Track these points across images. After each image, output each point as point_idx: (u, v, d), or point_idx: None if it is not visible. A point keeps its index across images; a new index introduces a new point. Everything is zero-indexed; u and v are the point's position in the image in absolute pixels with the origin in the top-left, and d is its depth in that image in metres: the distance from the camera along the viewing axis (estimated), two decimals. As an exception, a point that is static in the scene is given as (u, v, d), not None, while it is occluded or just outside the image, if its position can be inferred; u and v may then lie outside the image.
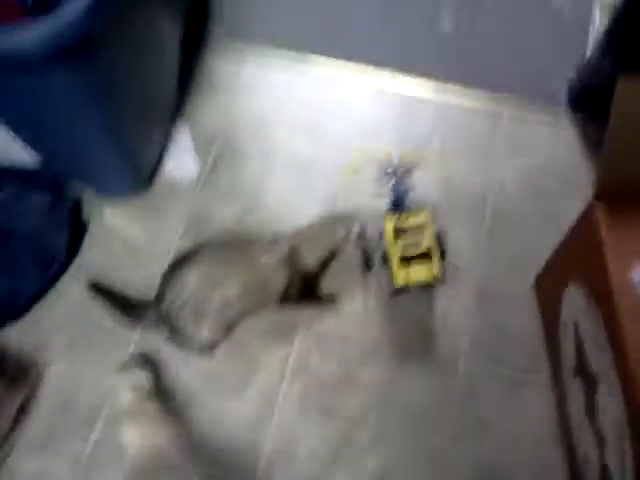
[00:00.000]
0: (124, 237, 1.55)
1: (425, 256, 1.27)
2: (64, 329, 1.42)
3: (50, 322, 1.43)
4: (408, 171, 1.41)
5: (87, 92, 1.20)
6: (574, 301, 1.17)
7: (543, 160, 1.61)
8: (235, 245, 1.33)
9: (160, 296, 1.27)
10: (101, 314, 1.39)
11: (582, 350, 1.14)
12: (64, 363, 1.39)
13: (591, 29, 1.76)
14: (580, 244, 1.16)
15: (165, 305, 1.26)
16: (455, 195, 1.56)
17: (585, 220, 1.11)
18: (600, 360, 1.05)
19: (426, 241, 1.26)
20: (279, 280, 1.29)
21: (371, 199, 1.51)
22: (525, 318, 1.41)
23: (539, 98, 1.68)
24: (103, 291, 1.36)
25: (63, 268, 1.48)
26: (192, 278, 1.24)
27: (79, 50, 1.07)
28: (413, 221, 1.28)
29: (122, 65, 1.26)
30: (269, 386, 1.36)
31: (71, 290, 1.46)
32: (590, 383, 1.11)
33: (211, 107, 1.73)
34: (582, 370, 1.15)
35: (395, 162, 1.43)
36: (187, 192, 1.60)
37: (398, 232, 1.28)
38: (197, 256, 1.28)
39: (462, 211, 1.53)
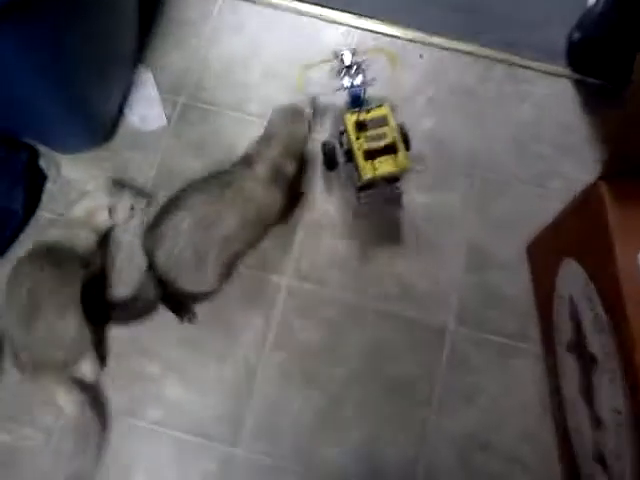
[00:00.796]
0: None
1: (389, 149, 1.25)
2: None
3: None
4: (363, 66, 1.34)
5: (31, 52, 1.06)
6: (572, 277, 1.12)
7: (538, 117, 1.52)
8: (217, 180, 1.24)
9: (151, 252, 1.21)
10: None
11: (580, 329, 1.10)
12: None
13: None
14: (582, 222, 1.09)
15: (160, 260, 1.19)
16: (445, 152, 1.48)
17: (590, 199, 1.04)
18: (600, 344, 1.01)
19: (390, 132, 1.25)
20: (274, 200, 1.26)
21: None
22: (516, 283, 1.37)
23: (535, 49, 1.58)
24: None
25: (21, 224, 1.39)
26: (185, 224, 1.18)
27: (11, 12, 0.94)
28: (374, 114, 1.27)
29: (70, 15, 1.11)
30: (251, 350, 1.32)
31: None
32: (587, 363, 1.07)
33: (177, 49, 1.58)
34: (579, 348, 1.11)
35: (348, 58, 1.35)
36: (153, 144, 1.48)
37: (360, 126, 1.26)
38: (182, 201, 1.21)
39: (452, 168, 1.47)
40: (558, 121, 1.52)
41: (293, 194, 1.35)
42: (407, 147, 1.29)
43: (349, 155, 1.30)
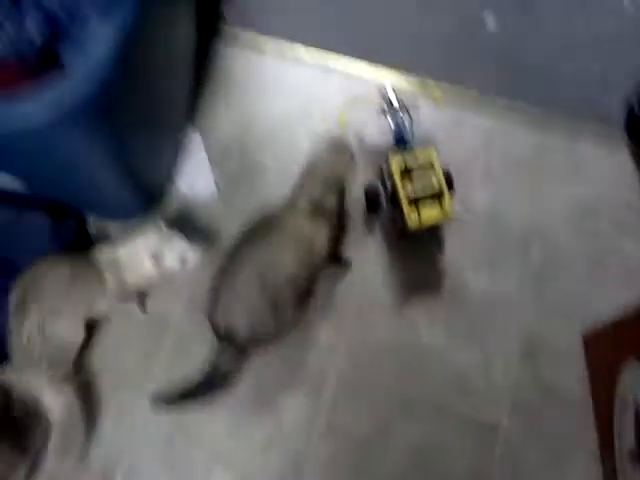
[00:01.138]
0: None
1: (433, 196, 1.21)
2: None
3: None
4: (409, 104, 1.31)
5: (96, 144, 1.05)
6: (638, 380, 1.07)
7: (596, 191, 1.47)
8: (264, 226, 1.22)
9: (226, 325, 1.17)
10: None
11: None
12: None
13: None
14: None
15: (241, 328, 1.17)
16: (501, 228, 1.43)
17: None
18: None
19: (435, 178, 1.21)
20: (319, 232, 1.22)
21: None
22: (572, 375, 1.33)
23: (595, 117, 1.51)
24: (175, 398, 1.23)
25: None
26: (249, 282, 1.16)
27: (89, 116, 0.92)
28: (420, 160, 1.22)
29: (134, 108, 1.10)
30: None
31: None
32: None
33: (225, 112, 1.54)
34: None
35: (392, 95, 1.31)
36: (203, 211, 1.45)
37: (405, 172, 1.22)
38: (237, 260, 1.18)
39: (508, 246, 1.42)
40: (617, 196, 1.47)
41: (339, 229, 1.31)
42: (450, 188, 1.25)
43: (393, 199, 1.26)
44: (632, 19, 1.57)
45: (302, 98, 1.54)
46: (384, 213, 1.39)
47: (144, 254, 1.23)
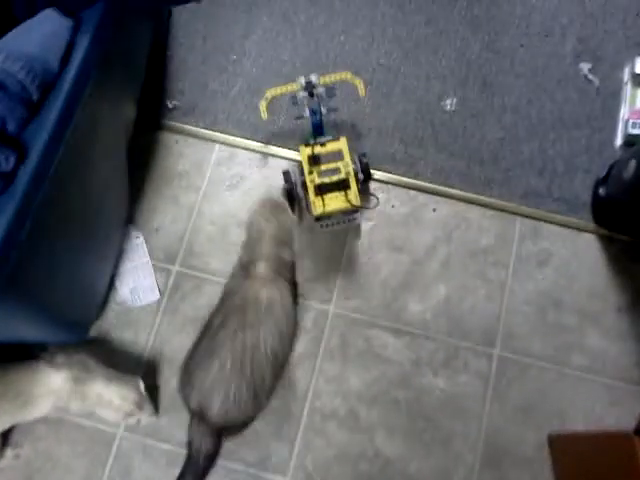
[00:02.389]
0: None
1: (343, 184, 1.25)
2: None
3: None
4: (326, 93, 1.30)
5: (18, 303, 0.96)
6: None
7: (561, 280, 1.41)
8: (228, 308, 1.22)
9: (204, 409, 1.17)
10: None
11: None
12: None
13: (620, 123, 1.49)
14: (612, 469, 1.00)
15: (217, 412, 1.16)
16: (460, 325, 1.38)
17: (621, 450, 0.95)
18: None
19: (344, 168, 1.25)
20: (286, 291, 1.26)
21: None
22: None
23: (557, 200, 1.46)
24: None
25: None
26: (227, 367, 1.15)
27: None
28: (330, 147, 1.27)
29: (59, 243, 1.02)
30: None
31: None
32: None
33: (169, 208, 1.46)
34: None
35: (309, 84, 1.28)
36: (145, 320, 1.38)
37: (315, 159, 1.25)
38: (210, 348, 1.18)
39: (468, 345, 1.37)
40: (582, 284, 1.41)
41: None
42: (368, 178, 1.32)
43: (304, 187, 1.28)
44: (597, 94, 1.49)
45: (250, 192, 1.48)
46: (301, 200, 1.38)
47: (118, 404, 1.19)
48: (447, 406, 1.31)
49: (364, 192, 1.32)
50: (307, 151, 1.27)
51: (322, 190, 1.25)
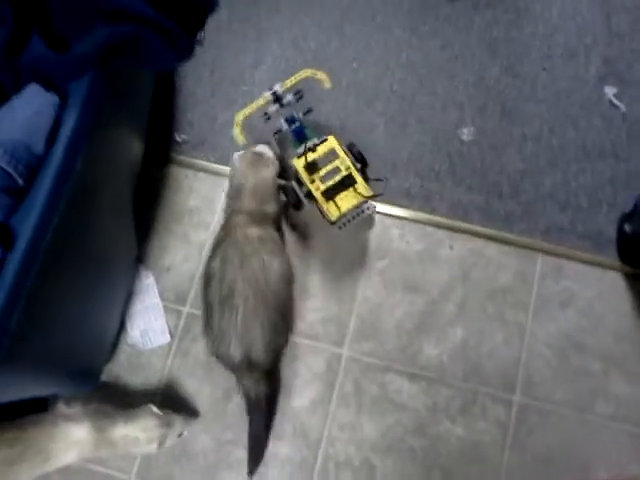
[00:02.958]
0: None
1: (347, 180, 1.23)
2: None
3: None
4: (294, 98, 1.28)
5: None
6: None
7: (584, 321, 1.35)
8: (227, 252, 1.23)
9: (239, 358, 1.19)
10: None
11: None
12: None
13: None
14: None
15: (260, 349, 1.19)
16: (478, 370, 1.33)
17: None
18: None
19: (342, 165, 1.23)
20: (272, 234, 1.28)
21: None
22: None
23: (581, 236, 1.39)
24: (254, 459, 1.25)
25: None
26: (249, 305, 1.17)
27: None
28: (321, 150, 1.24)
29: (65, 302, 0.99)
30: None
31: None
32: None
33: (180, 246, 1.43)
34: None
35: (275, 95, 1.28)
36: (157, 363, 1.36)
37: (311, 166, 1.23)
38: (223, 293, 1.20)
39: (486, 393, 1.32)
40: (606, 326, 1.35)
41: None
42: (365, 165, 1.28)
43: (310, 196, 1.26)
44: (623, 121, 1.42)
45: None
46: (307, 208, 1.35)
47: (146, 437, 1.18)
48: (464, 455, 1.27)
49: (367, 180, 1.28)
50: (301, 162, 1.24)
51: (330, 194, 1.22)
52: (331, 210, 1.22)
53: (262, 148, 1.32)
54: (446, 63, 1.50)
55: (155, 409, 1.20)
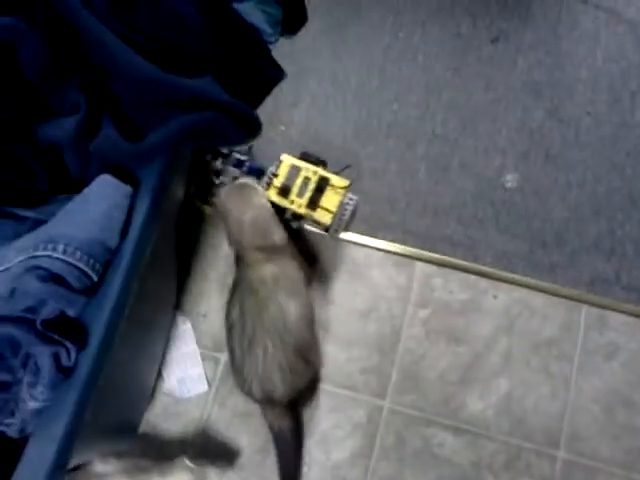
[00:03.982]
0: None
1: (322, 183, 1.24)
2: None
3: None
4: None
5: None
6: None
7: (630, 377, 1.33)
8: (247, 298, 1.21)
9: (260, 395, 1.20)
10: None
11: None
12: None
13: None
14: None
15: (272, 392, 1.19)
16: (523, 425, 1.31)
17: None
18: None
19: (309, 173, 1.25)
20: (292, 266, 1.25)
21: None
22: None
23: (627, 288, 1.37)
24: None
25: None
26: (266, 345, 1.17)
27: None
28: (282, 172, 1.26)
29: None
30: None
31: None
32: None
33: (216, 293, 1.39)
34: None
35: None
36: (194, 412, 1.34)
37: (284, 191, 1.25)
38: (245, 335, 1.19)
39: (531, 447, 1.30)
40: (654, 381, 1.31)
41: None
42: (325, 164, 1.29)
43: (298, 216, 1.27)
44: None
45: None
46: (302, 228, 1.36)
47: None
48: (509, 514, 1.24)
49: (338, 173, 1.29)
50: (272, 192, 1.25)
51: (313, 203, 1.24)
52: (322, 215, 1.24)
53: (245, 179, 1.29)
54: (489, 105, 1.47)
55: (188, 462, 1.17)
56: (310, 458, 1.28)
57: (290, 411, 1.23)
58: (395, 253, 1.39)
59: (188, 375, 1.34)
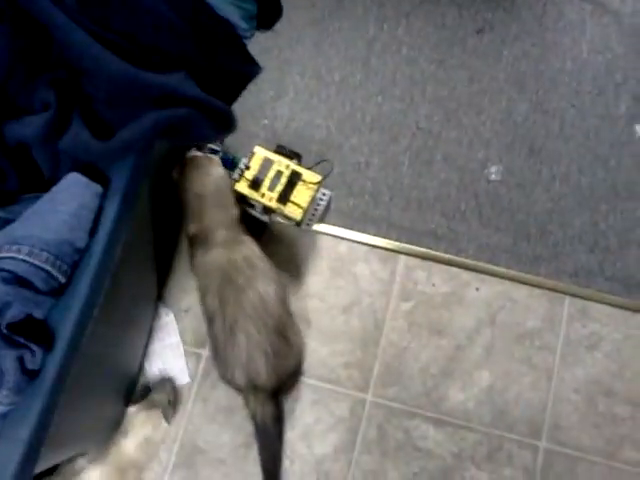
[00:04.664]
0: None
1: (294, 175, 1.21)
2: None
3: None
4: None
5: None
6: None
7: (613, 367, 1.34)
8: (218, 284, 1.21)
9: (244, 381, 1.20)
10: None
11: None
12: None
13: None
14: None
15: (256, 375, 1.19)
16: (505, 416, 1.31)
17: None
18: None
19: (281, 167, 1.21)
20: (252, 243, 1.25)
21: None
22: None
23: (610, 279, 1.38)
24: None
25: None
26: (246, 329, 1.18)
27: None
28: (254, 164, 1.21)
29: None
30: None
31: None
32: None
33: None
34: None
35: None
36: (175, 408, 1.33)
37: (256, 183, 1.21)
38: (226, 322, 1.19)
39: (511, 439, 1.30)
40: (635, 370, 1.33)
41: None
42: (300, 158, 1.25)
43: (268, 210, 1.24)
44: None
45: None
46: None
47: None
48: (491, 505, 1.25)
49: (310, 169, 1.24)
50: (243, 185, 1.22)
51: (284, 198, 1.21)
52: (293, 210, 1.21)
53: (204, 155, 1.27)
54: (473, 97, 1.47)
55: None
56: (293, 452, 1.28)
57: (273, 399, 1.24)
58: (378, 247, 1.39)
59: (170, 366, 1.35)
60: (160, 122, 0.85)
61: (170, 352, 1.36)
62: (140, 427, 1.24)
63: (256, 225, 1.29)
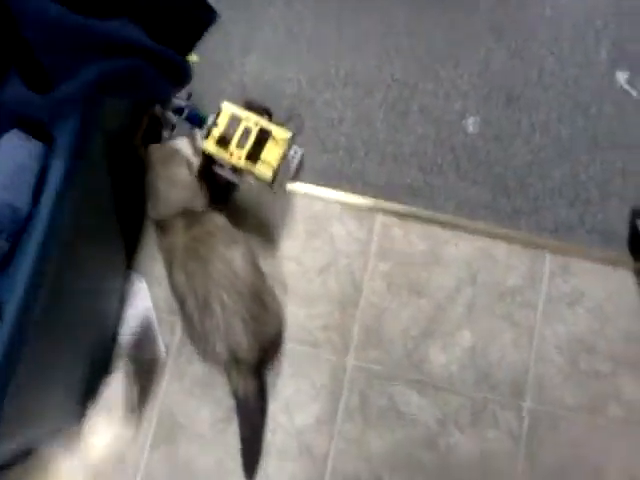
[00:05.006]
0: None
1: (263, 132, 1.14)
2: None
3: None
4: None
5: None
6: None
7: (593, 322, 1.31)
8: (190, 258, 1.17)
9: (226, 354, 1.15)
10: None
11: None
12: None
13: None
14: None
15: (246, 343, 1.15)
16: (489, 377, 1.28)
17: None
18: None
19: (250, 123, 1.14)
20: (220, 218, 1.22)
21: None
22: None
23: (590, 232, 1.33)
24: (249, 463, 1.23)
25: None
26: (228, 301, 1.13)
27: None
28: (222, 121, 1.14)
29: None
30: None
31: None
32: None
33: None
34: None
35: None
36: (151, 380, 1.29)
37: (224, 141, 1.14)
38: (198, 299, 1.14)
39: (497, 400, 1.27)
40: (617, 327, 1.30)
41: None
42: (270, 115, 1.22)
43: (237, 170, 1.18)
44: (636, 108, 1.36)
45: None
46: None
47: None
48: (476, 467, 1.23)
49: (283, 124, 1.19)
50: (211, 142, 1.14)
51: (254, 156, 1.14)
52: (263, 170, 1.14)
53: (175, 145, 1.26)
54: (450, 49, 1.41)
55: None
56: (274, 424, 1.24)
57: (255, 372, 1.19)
58: (354, 205, 1.33)
59: (144, 333, 1.30)
60: (105, 73, 0.77)
61: (143, 318, 1.31)
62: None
63: (224, 188, 1.22)
